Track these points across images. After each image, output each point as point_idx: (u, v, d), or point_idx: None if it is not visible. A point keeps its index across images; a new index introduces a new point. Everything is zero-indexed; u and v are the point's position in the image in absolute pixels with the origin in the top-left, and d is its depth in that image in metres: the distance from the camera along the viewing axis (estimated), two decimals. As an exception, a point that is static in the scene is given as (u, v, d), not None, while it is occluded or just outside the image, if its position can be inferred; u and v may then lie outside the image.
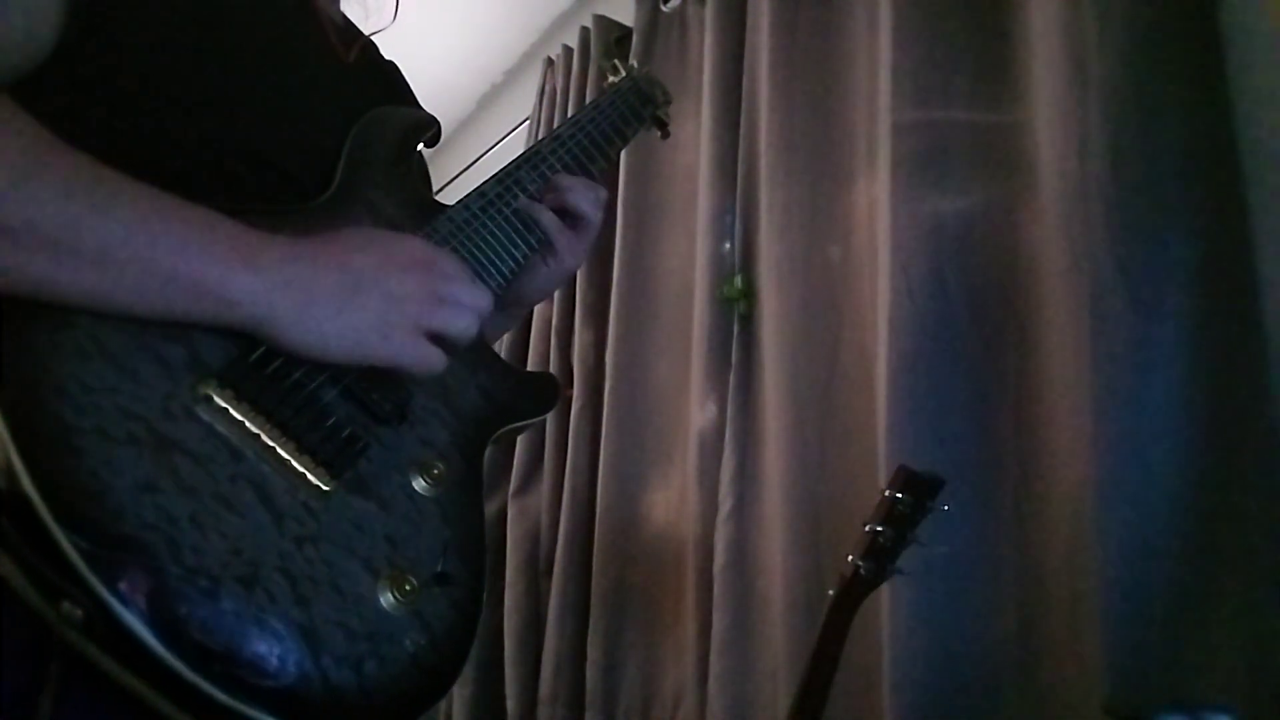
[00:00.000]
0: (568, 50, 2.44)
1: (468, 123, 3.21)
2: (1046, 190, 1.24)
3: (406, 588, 0.61)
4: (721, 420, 1.68)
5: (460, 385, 0.76)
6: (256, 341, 0.62)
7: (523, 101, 2.72)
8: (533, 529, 2.17)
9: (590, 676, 1.82)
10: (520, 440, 2.24)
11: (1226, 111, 1.12)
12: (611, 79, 1.08)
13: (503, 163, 0.91)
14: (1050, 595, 1.16)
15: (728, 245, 1.78)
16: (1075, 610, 1.11)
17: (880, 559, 1.05)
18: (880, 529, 1.05)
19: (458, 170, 2.95)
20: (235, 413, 0.60)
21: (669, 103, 1.10)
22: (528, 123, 2.63)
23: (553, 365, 2.21)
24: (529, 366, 2.30)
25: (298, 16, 0.83)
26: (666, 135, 1.12)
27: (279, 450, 0.61)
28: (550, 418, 2.10)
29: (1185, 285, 1.10)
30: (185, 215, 0.60)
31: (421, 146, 0.93)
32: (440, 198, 0.88)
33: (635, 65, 1.12)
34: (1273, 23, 1.10)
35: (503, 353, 2.36)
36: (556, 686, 1.91)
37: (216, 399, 0.59)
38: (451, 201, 0.85)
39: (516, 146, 0.88)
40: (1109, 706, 1.03)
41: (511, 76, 3.03)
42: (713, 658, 1.55)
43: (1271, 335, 1.05)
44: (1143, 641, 1.04)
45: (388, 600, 0.61)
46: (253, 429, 0.60)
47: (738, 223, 1.76)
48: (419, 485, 0.68)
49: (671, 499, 1.84)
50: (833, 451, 1.47)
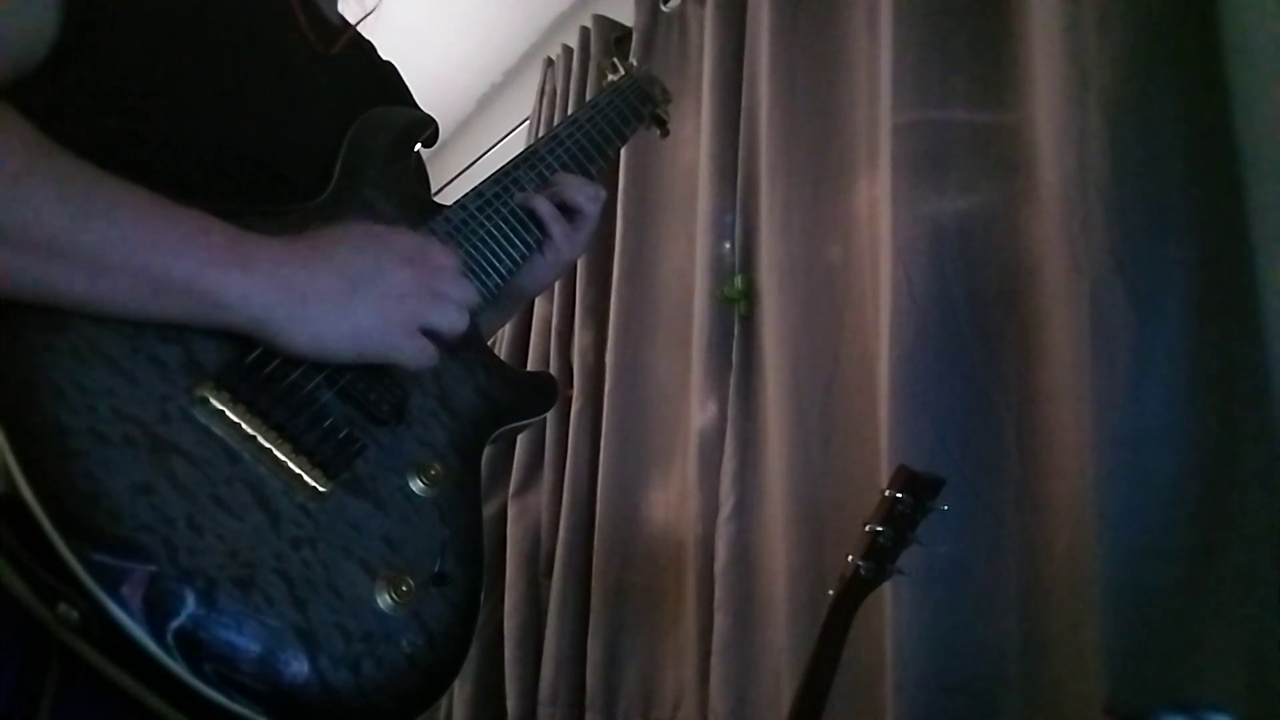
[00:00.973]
0: (568, 50, 2.44)
1: (467, 123, 3.21)
2: (1046, 190, 1.24)
3: (404, 588, 0.62)
4: (722, 420, 1.68)
5: (458, 386, 0.76)
6: (253, 343, 0.62)
7: (523, 101, 2.72)
8: (533, 529, 2.17)
9: (590, 676, 1.82)
10: (520, 440, 2.24)
11: (1226, 112, 1.12)
12: (610, 77, 1.08)
13: (502, 163, 0.91)
14: (1050, 595, 1.16)
15: (728, 245, 1.78)
16: (1075, 610, 1.11)
17: (880, 559, 1.05)
18: (880, 529, 1.05)
19: (458, 170, 2.95)
20: (232, 414, 0.60)
21: (668, 101, 1.09)
22: (528, 123, 2.63)
23: (553, 365, 2.21)
24: (529, 366, 2.29)
25: (268, 11, 0.82)
26: (666, 134, 1.12)
27: (275, 452, 0.61)
28: (550, 418, 2.10)
29: (1185, 285, 1.09)
30: (180, 218, 0.59)
31: (419, 146, 0.93)
32: (440, 198, 0.88)
33: (634, 63, 1.11)
34: (1273, 23, 1.10)
35: (502, 352, 2.36)
36: (556, 686, 1.91)
37: (213, 401, 0.59)
38: (450, 202, 0.85)
39: (516, 146, 0.88)
40: (1109, 706, 1.03)
41: (511, 76, 3.03)
42: (713, 658, 1.55)
43: (1271, 335, 1.05)
44: (1143, 641, 1.03)
45: (385, 601, 0.61)
46: (249, 431, 0.60)
47: (738, 223, 1.75)
48: (416, 486, 0.68)
49: (672, 499, 1.84)
50: (833, 451, 1.46)
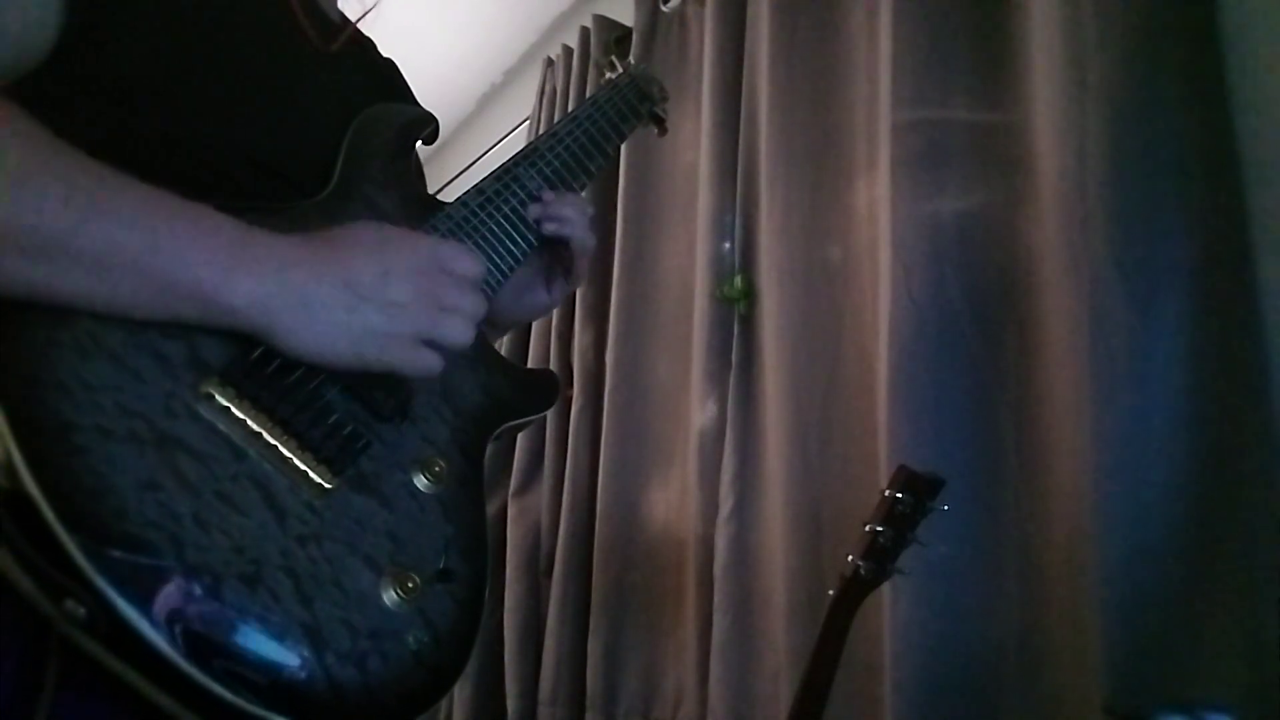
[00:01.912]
0: (567, 50, 2.44)
1: (468, 122, 3.21)
2: (1046, 190, 1.24)
3: (409, 585, 0.62)
4: (722, 420, 1.68)
5: (461, 383, 0.76)
6: (257, 340, 0.62)
7: (523, 101, 2.72)
8: (533, 529, 2.17)
9: (590, 676, 1.82)
10: (520, 440, 2.24)
11: (1226, 111, 1.12)
12: (609, 75, 1.08)
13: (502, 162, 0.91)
14: (1050, 595, 1.16)
15: (728, 245, 1.78)
16: (1075, 610, 1.11)
17: (880, 559, 1.05)
18: (880, 529, 1.05)
19: (458, 169, 2.95)
20: (237, 411, 0.60)
21: (666, 99, 1.10)
22: (528, 122, 2.63)
23: (553, 365, 2.21)
24: (529, 365, 2.30)
25: (268, 8, 0.82)
26: (664, 132, 1.12)
27: (281, 448, 0.61)
28: (550, 417, 2.10)
29: (1184, 285, 1.09)
30: (186, 217, 0.59)
31: (420, 144, 0.93)
32: (440, 197, 0.88)
33: (633, 62, 1.11)
34: (1273, 23, 1.11)
35: (502, 352, 2.36)
36: (556, 686, 1.91)
37: (218, 397, 0.59)
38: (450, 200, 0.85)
39: (516, 146, 0.88)
40: (1109, 706, 1.03)
41: (511, 76, 3.03)
42: (713, 658, 1.55)
43: (1271, 335, 1.05)
44: (1143, 641, 1.03)
45: (390, 597, 0.61)
46: (254, 427, 0.60)
47: (738, 223, 1.75)
48: (420, 483, 0.68)
49: (672, 499, 1.84)
50: (833, 451, 1.47)
